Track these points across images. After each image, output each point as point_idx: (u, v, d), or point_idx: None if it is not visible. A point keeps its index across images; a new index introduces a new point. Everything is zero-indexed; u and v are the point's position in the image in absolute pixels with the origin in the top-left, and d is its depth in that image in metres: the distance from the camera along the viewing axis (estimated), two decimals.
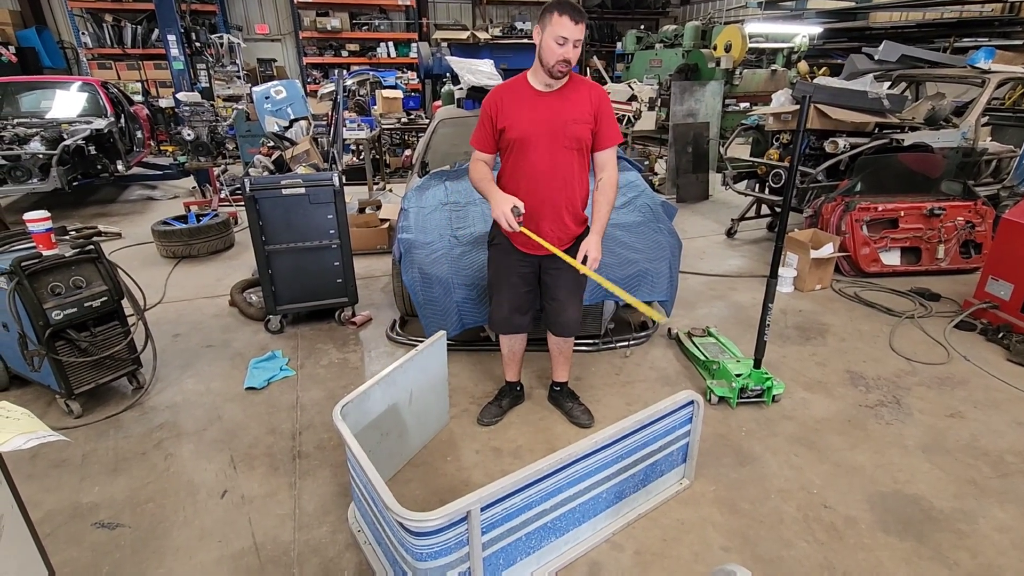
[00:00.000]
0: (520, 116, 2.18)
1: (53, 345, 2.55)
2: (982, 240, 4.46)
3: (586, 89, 2.20)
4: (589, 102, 2.18)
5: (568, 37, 2.00)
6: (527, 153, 2.20)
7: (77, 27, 10.66)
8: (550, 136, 2.17)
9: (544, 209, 2.24)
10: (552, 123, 2.16)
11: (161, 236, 4.87)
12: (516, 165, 2.24)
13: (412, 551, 1.57)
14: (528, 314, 2.51)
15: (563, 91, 2.18)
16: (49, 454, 2.46)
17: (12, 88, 6.84)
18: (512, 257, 2.40)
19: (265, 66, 12.26)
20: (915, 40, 9.72)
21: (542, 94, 2.18)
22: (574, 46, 2.02)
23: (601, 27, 15.14)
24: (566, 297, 2.44)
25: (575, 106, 2.17)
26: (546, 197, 2.24)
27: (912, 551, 1.99)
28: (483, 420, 2.67)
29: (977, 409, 2.80)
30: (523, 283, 2.44)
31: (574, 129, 2.17)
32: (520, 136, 2.18)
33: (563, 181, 2.23)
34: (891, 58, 5.35)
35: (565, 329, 2.52)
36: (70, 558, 1.95)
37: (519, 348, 2.66)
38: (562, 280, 2.40)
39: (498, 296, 2.47)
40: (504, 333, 2.58)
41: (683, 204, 6.73)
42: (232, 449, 2.52)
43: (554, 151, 2.19)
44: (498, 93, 2.24)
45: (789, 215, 2.56)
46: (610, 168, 2.29)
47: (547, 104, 2.17)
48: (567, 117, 2.16)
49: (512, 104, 2.20)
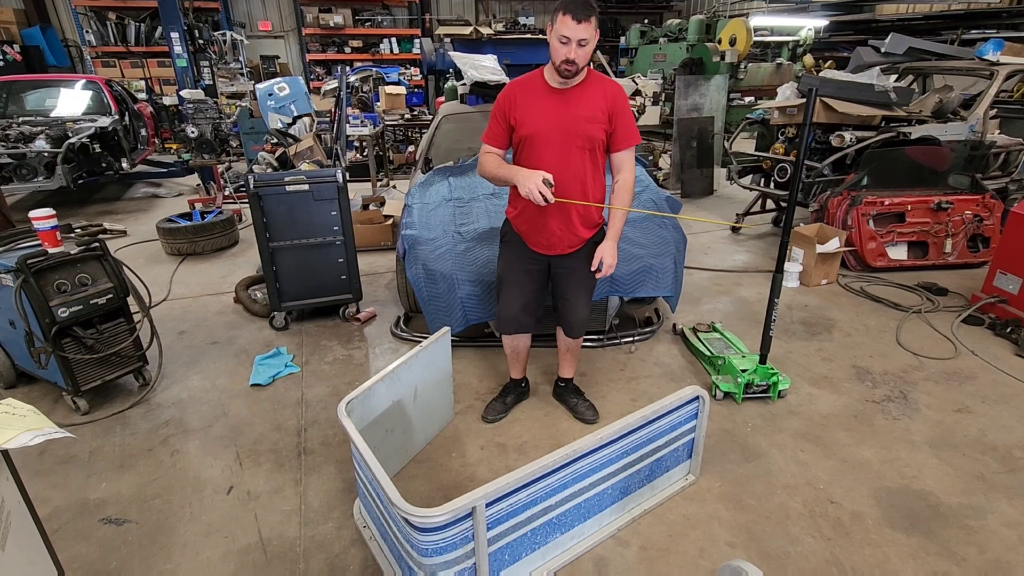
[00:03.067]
0: (533, 113, 2.13)
1: (59, 342, 2.56)
2: (990, 234, 4.42)
3: (602, 87, 2.14)
4: (604, 100, 2.12)
5: (570, 37, 1.94)
6: (538, 151, 2.15)
7: (81, 25, 10.69)
8: (562, 134, 2.12)
9: (553, 208, 2.18)
10: (564, 121, 2.11)
11: (166, 233, 4.89)
12: (527, 163, 2.18)
13: (417, 547, 1.57)
14: (536, 313, 2.47)
15: (578, 89, 2.12)
16: (56, 451, 2.47)
17: (17, 87, 6.87)
18: (523, 255, 2.36)
19: (268, 63, 12.27)
20: (922, 32, 9.64)
21: (556, 91, 2.13)
22: (579, 45, 1.95)
23: (605, 22, 15.06)
24: (576, 297, 2.40)
25: (589, 104, 2.11)
26: (558, 195, 2.20)
27: (919, 547, 1.98)
28: (488, 417, 2.65)
29: (985, 404, 2.78)
30: (532, 281, 2.40)
31: (586, 128, 2.11)
32: (531, 133, 2.14)
33: (574, 181, 2.17)
34: (898, 51, 5.30)
35: (576, 329, 2.49)
36: (79, 553, 1.97)
37: (523, 347, 2.62)
38: (573, 280, 2.36)
39: (507, 294, 2.42)
40: (510, 333, 2.52)
41: (687, 199, 6.70)
42: (238, 445, 2.53)
43: (566, 150, 2.14)
44: (512, 89, 2.20)
45: (795, 210, 2.54)
46: (627, 170, 2.22)
47: (561, 101, 2.12)
48: (580, 115, 2.10)
49: (526, 100, 2.15)
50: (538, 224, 2.25)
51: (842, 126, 4.56)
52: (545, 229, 2.24)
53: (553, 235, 2.25)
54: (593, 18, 1.93)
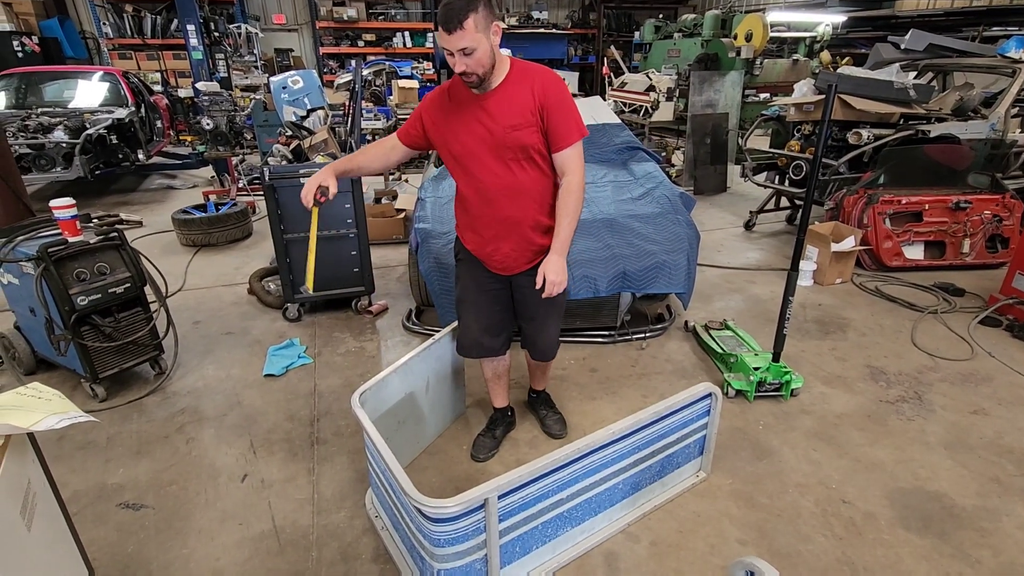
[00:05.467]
0: (455, 129, 1.88)
1: (79, 330, 2.60)
2: (1009, 234, 4.35)
3: (528, 83, 1.81)
4: (531, 98, 1.80)
5: (450, 49, 1.69)
6: (471, 170, 1.90)
7: (98, 17, 10.78)
8: (492, 148, 1.84)
9: (503, 228, 1.96)
10: (491, 132, 1.82)
11: (181, 224, 4.94)
12: (465, 184, 1.97)
13: (430, 537, 1.59)
14: (501, 335, 2.24)
15: (499, 92, 1.81)
16: (75, 436, 2.52)
17: (36, 78, 6.95)
18: (480, 273, 2.12)
19: (282, 56, 12.30)
20: (943, 29, 9.45)
21: (478, 98, 1.83)
22: (464, 54, 1.67)
23: (619, 16, 14.95)
24: (543, 317, 2.17)
25: (512, 109, 1.80)
26: (503, 215, 1.94)
27: (933, 548, 1.96)
28: (479, 456, 2.39)
29: (1001, 406, 2.74)
30: (493, 302, 2.16)
31: (515, 137, 1.81)
32: (458, 153, 1.90)
33: (519, 195, 1.90)
34: (918, 47, 5.22)
35: (543, 353, 2.30)
36: (97, 537, 2.01)
37: (503, 369, 2.40)
38: (536, 298, 2.04)
39: (466, 317, 2.20)
40: (473, 357, 2.29)
41: (701, 196, 6.64)
42: (252, 434, 2.56)
43: (501, 164, 1.86)
44: (432, 98, 1.96)
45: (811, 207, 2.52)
46: (571, 171, 1.87)
47: (484, 110, 1.82)
48: (506, 123, 1.80)
49: (446, 114, 1.89)
50: (487, 250, 2.04)
51: (859, 123, 4.50)
52: (497, 253, 2.02)
53: (508, 257, 2.03)
54: (469, 21, 1.63)
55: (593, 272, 3.01)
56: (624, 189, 3.77)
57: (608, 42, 13.84)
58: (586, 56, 14.90)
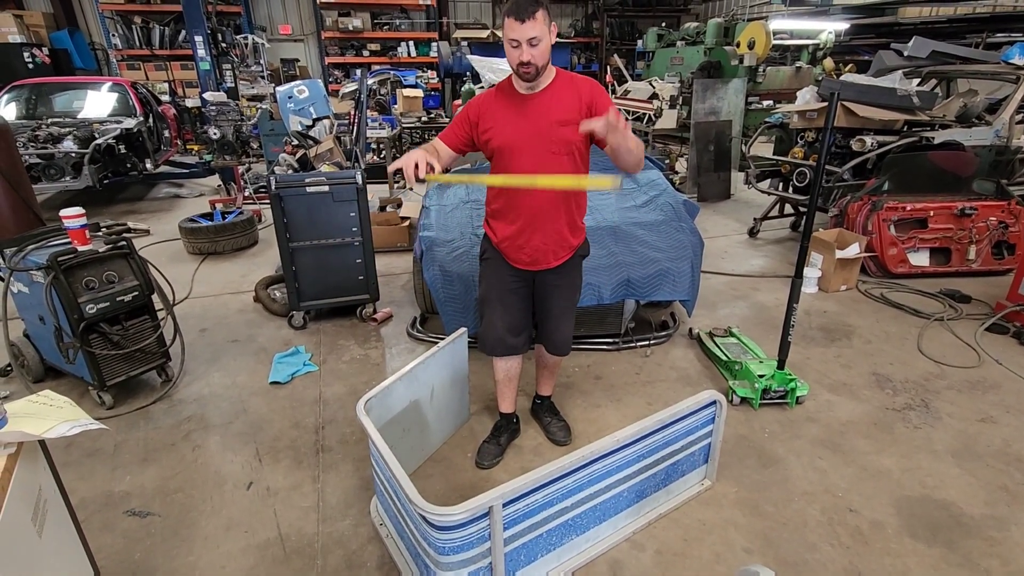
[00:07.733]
0: (503, 122, 2.02)
1: (87, 338, 2.62)
2: (1015, 241, 4.33)
3: (574, 86, 2.00)
4: (579, 99, 1.97)
5: (518, 39, 1.82)
6: (513, 161, 2.03)
7: (108, 29, 10.94)
8: (535, 141, 1.99)
9: (537, 220, 2.08)
10: (536, 127, 1.98)
11: (188, 233, 4.98)
12: (502, 173, 2.08)
13: (435, 545, 1.59)
14: (523, 334, 2.32)
15: (548, 92, 1.99)
16: (83, 443, 2.54)
17: (46, 88, 7.05)
18: (505, 273, 2.23)
19: (288, 66, 12.44)
20: (946, 36, 9.48)
21: (525, 97, 2.00)
22: (531, 44, 1.83)
23: (622, 24, 15.05)
24: (560, 314, 2.30)
25: (561, 107, 1.97)
26: (537, 207, 2.07)
27: (940, 557, 1.95)
28: (483, 463, 2.41)
29: (1009, 414, 2.73)
30: (517, 300, 2.26)
31: (561, 132, 1.97)
32: (503, 144, 2.03)
33: (555, 190, 2.06)
34: (921, 54, 5.23)
35: (559, 348, 2.38)
36: (104, 544, 2.01)
37: (515, 371, 2.46)
38: (558, 296, 2.26)
39: (490, 315, 2.28)
40: (497, 355, 2.36)
41: (704, 203, 6.65)
42: (257, 442, 2.57)
43: (542, 158, 2.00)
44: (481, 98, 2.12)
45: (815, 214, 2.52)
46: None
47: (532, 107, 1.99)
48: (552, 119, 1.96)
49: (495, 110, 2.05)
50: (518, 242, 2.13)
51: (863, 130, 4.51)
52: (528, 245, 2.12)
53: (536, 250, 2.14)
54: (539, 13, 1.79)
55: (597, 280, 3.02)
56: (628, 196, 3.79)
57: (611, 50, 13.93)
58: (589, 64, 14.99)
